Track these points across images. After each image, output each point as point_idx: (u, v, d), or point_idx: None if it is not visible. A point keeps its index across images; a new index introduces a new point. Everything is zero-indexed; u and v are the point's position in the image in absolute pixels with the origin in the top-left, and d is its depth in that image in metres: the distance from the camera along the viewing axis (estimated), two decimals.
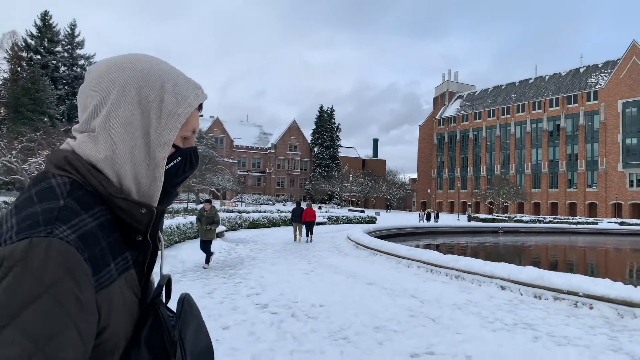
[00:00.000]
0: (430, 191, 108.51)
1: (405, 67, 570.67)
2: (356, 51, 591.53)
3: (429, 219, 49.16)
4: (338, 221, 40.56)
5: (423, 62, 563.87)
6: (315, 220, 22.63)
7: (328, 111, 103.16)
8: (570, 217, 66.88)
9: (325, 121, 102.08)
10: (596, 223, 56.62)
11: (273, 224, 31.43)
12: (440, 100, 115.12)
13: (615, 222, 58.45)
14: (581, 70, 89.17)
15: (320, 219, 38.05)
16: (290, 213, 26.30)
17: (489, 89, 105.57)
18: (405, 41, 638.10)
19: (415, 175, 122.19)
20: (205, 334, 1.05)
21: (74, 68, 72.34)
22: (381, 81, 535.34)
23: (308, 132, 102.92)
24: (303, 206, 22.69)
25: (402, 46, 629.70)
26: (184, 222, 18.48)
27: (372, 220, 44.33)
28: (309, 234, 21.99)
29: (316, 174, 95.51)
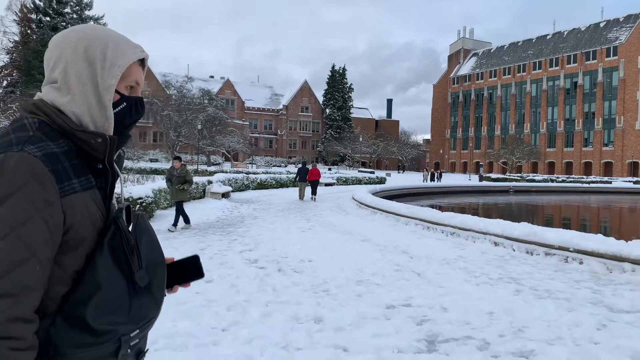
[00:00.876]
0: (443, 152, 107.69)
1: (424, 25, 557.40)
2: (373, 6, 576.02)
3: (433, 179, 48.92)
4: (347, 182, 40.62)
5: (442, 20, 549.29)
6: (319, 179, 23.26)
7: (340, 71, 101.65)
8: (584, 177, 66.14)
9: (337, 81, 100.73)
10: (610, 182, 55.93)
11: (281, 185, 31.61)
12: (455, 58, 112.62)
13: (630, 181, 57.66)
14: (601, 25, 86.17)
15: (329, 180, 38.19)
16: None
17: (505, 46, 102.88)
18: None
19: (429, 136, 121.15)
20: (158, 251, 1.24)
21: None
22: (398, 39, 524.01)
23: (320, 94, 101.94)
24: (309, 167, 23.11)
25: (422, 2, 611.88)
26: None
27: (382, 181, 44.33)
28: (314, 193, 22.63)
29: (328, 136, 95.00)
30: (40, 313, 1.02)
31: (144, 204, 12.09)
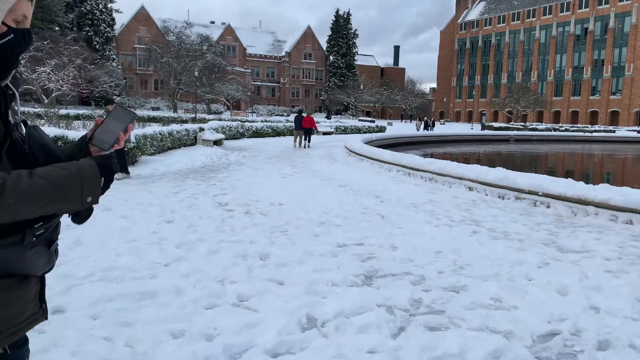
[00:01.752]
0: (448, 100, 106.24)
1: None
2: None
3: (427, 128, 48.52)
4: (346, 131, 40.39)
5: None
6: (313, 127, 23.82)
7: (345, 16, 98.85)
8: (589, 126, 65.39)
9: (341, 27, 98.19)
10: (614, 131, 55.33)
11: (277, 134, 31.51)
12: (463, 3, 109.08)
13: (634, 130, 57.02)
14: None
15: (327, 129, 38.01)
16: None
17: None
18: None
19: (435, 84, 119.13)
20: (53, 155, 1.37)
21: None
22: None
23: (325, 41, 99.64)
24: (304, 115, 23.74)
25: None
26: (178, 129, 18.67)
27: (382, 130, 43.99)
28: (307, 140, 23.37)
29: (331, 84, 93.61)
30: None
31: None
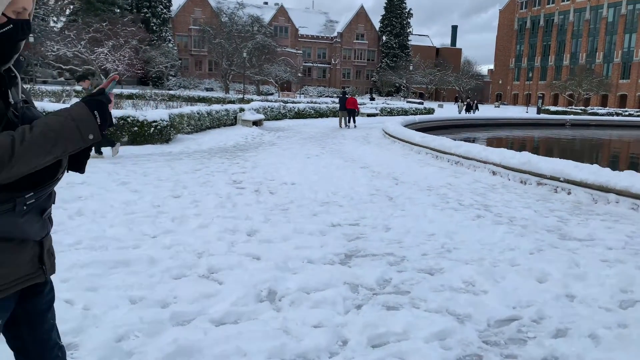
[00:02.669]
0: (504, 82, 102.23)
1: None
2: None
3: (469, 110, 46.83)
4: (392, 113, 39.87)
5: None
6: (356, 108, 24.85)
7: None
8: None
9: (395, 6, 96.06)
10: None
11: (320, 115, 31.57)
12: None
13: None
14: None
15: (371, 111, 37.68)
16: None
17: None
18: None
19: (493, 66, 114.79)
20: None
21: None
22: None
23: (378, 20, 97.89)
24: (347, 96, 24.86)
25: None
26: (218, 109, 19.11)
27: (430, 111, 43.13)
28: (351, 121, 24.41)
29: (383, 65, 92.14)
30: None
31: (159, 127, 12.65)
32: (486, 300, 3.92)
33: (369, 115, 35.84)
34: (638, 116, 51.65)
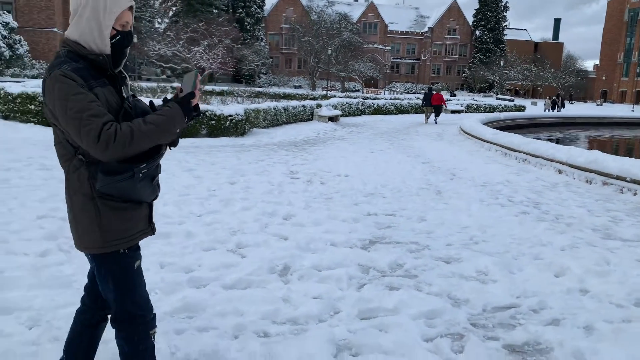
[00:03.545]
0: (610, 78, 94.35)
1: None
2: None
3: (554, 108, 43.73)
4: (478, 110, 38.57)
5: None
6: (442, 104, 25.13)
7: None
8: None
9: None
10: None
11: (401, 111, 31.37)
12: None
13: None
14: None
15: (456, 107, 36.78)
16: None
17: None
18: None
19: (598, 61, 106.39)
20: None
21: None
22: None
23: (471, 14, 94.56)
24: (433, 92, 25.36)
25: None
26: (294, 105, 19.81)
27: (520, 109, 41.18)
28: (436, 116, 24.66)
29: (476, 60, 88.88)
30: (89, 159, 1.82)
31: (234, 121, 13.50)
32: (492, 288, 4.01)
33: (453, 111, 35.01)
34: None
